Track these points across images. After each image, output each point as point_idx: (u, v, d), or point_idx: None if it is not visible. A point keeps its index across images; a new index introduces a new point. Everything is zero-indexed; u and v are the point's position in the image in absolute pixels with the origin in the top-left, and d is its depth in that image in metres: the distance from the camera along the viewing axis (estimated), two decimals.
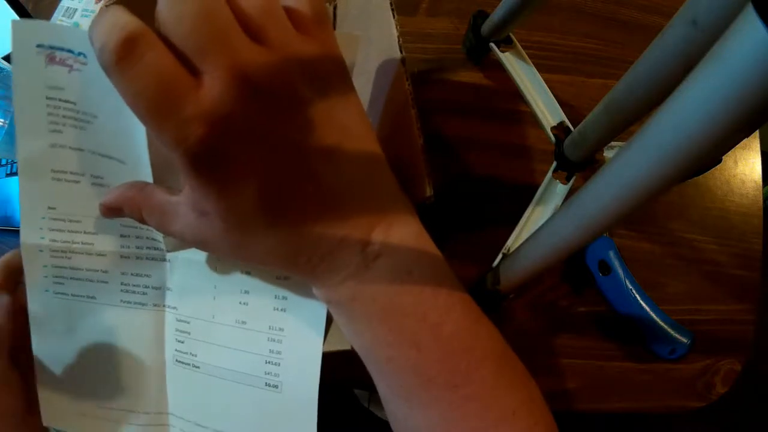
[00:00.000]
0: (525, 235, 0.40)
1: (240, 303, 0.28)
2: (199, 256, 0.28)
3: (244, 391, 0.28)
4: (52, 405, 0.30)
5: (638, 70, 0.29)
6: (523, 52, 0.44)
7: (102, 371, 0.30)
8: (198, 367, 0.29)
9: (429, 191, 0.28)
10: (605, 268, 0.42)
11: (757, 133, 0.49)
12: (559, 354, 0.42)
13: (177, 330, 0.29)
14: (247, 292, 0.28)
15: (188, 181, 0.19)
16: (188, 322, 0.29)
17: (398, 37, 0.29)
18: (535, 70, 0.44)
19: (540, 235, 0.29)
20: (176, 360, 0.29)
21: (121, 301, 0.29)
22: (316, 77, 0.19)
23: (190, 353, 0.29)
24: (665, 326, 0.41)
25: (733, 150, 0.47)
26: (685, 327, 0.41)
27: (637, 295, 0.41)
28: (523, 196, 0.41)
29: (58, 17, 0.46)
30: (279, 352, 0.27)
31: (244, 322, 0.28)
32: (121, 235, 0.28)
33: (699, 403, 0.42)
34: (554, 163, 0.41)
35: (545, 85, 0.43)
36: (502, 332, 0.24)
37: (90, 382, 0.30)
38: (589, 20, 0.49)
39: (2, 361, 0.29)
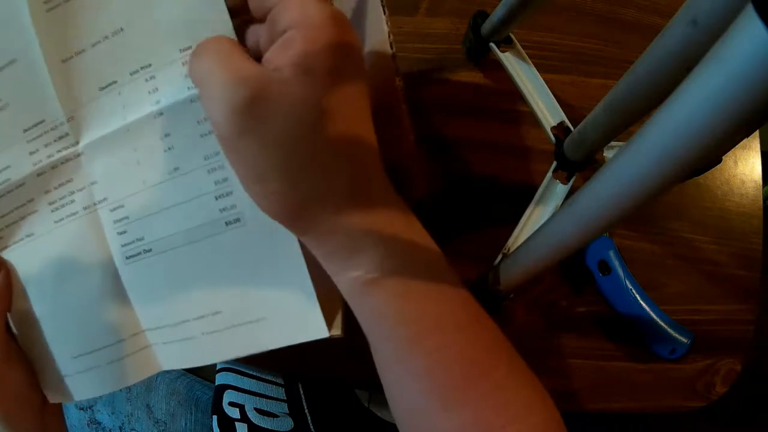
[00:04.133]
0: (525, 235, 0.40)
1: (165, 150, 0.25)
2: (108, 129, 0.26)
3: (208, 246, 0.26)
4: (46, 378, 0.29)
5: (638, 70, 0.29)
6: (523, 52, 0.44)
7: (65, 317, 0.28)
8: (150, 251, 0.26)
9: (424, 187, 0.28)
10: (605, 268, 0.42)
11: (757, 133, 0.49)
12: (559, 354, 0.42)
13: (114, 222, 0.27)
14: (168, 135, 0.25)
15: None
16: (123, 206, 0.26)
17: (389, 34, 0.29)
18: (535, 70, 0.44)
19: (540, 235, 0.29)
20: (126, 257, 0.27)
21: (54, 222, 0.27)
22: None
23: (136, 239, 0.27)
24: (665, 326, 0.41)
25: (733, 150, 0.47)
26: (685, 327, 0.41)
27: (637, 295, 0.41)
28: (523, 196, 0.41)
29: None
30: (225, 179, 0.25)
31: (176, 169, 0.25)
32: (30, 153, 0.26)
33: (699, 403, 0.42)
34: (554, 163, 0.41)
35: (545, 85, 0.43)
36: (502, 332, 0.24)
37: (61, 336, 0.29)
38: (589, 20, 0.49)
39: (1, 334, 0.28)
